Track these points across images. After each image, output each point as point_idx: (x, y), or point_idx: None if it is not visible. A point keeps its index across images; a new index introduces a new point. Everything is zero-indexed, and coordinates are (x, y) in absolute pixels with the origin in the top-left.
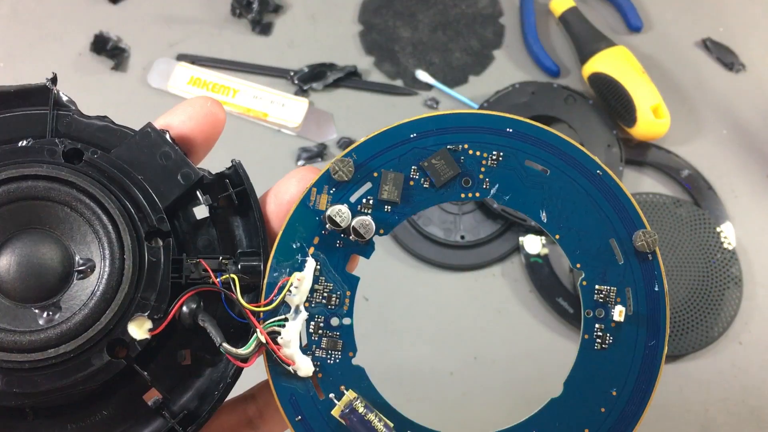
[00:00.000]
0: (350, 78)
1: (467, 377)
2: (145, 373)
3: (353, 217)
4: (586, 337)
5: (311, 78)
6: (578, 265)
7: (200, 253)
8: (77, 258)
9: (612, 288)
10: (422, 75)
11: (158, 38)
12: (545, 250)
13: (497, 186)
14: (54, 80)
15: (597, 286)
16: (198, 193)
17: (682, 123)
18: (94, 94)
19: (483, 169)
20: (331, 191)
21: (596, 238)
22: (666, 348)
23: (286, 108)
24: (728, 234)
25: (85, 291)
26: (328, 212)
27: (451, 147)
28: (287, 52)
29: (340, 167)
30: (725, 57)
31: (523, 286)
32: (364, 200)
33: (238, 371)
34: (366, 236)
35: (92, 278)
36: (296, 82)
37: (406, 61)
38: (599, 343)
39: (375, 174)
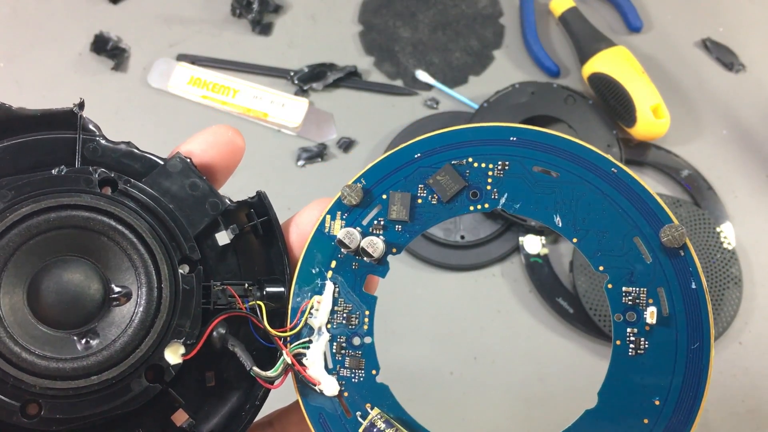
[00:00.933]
0: (350, 78)
1: (467, 377)
2: (179, 396)
3: (363, 238)
4: (618, 343)
5: (311, 78)
6: (601, 268)
7: (224, 280)
8: (113, 285)
9: (642, 289)
10: (422, 75)
11: (158, 38)
12: (545, 250)
13: (506, 195)
14: (81, 105)
15: (624, 288)
16: (220, 220)
17: (681, 123)
18: (94, 94)
19: (490, 180)
20: (344, 216)
21: (618, 238)
22: (713, 350)
23: (286, 108)
24: (728, 234)
25: (122, 318)
26: (338, 236)
27: (455, 162)
28: (287, 52)
29: (348, 193)
30: (725, 57)
31: (522, 286)
32: (375, 222)
33: (266, 393)
34: (374, 254)
35: (129, 306)
36: (296, 82)
37: (406, 61)
38: (633, 349)
39: (384, 196)
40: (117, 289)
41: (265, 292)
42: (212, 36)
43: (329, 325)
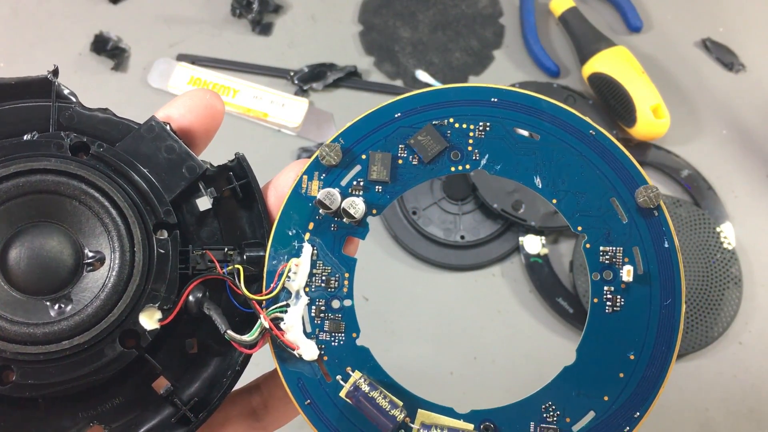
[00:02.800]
0: (350, 78)
1: (467, 377)
2: (156, 362)
3: (344, 199)
4: (596, 300)
5: (311, 78)
6: (579, 228)
7: (204, 245)
8: (86, 251)
9: (618, 248)
10: (422, 75)
11: (158, 38)
12: (545, 250)
13: (487, 156)
14: (55, 72)
15: (602, 248)
16: (201, 185)
17: (681, 123)
18: (94, 94)
19: (471, 141)
20: (322, 177)
21: (596, 199)
22: (684, 306)
23: (286, 108)
24: (728, 234)
25: (96, 283)
26: (318, 196)
27: (436, 122)
28: (287, 52)
29: (327, 152)
30: (725, 57)
31: (522, 286)
32: (354, 183)
33: (246, 359)
34: (356, 216)
35: (102, 271)
36: (296, 82)
37: (406, 61)
38: (610, 306)
39: (363, 156)
40: (90, 254)
41: (245, 257)
42: (212, 36)
43: (307, 289)
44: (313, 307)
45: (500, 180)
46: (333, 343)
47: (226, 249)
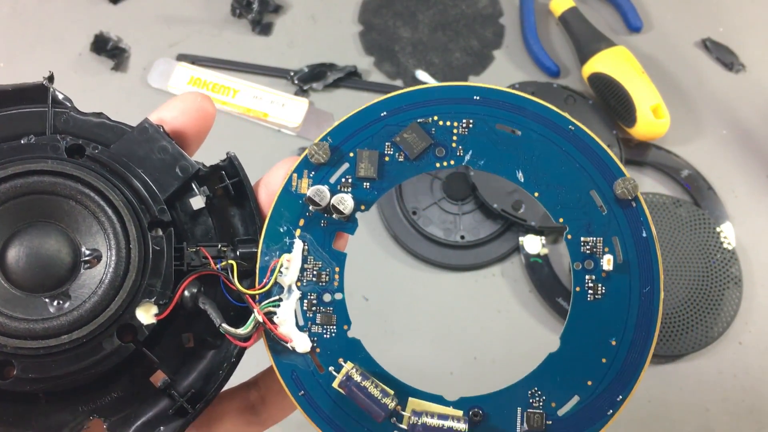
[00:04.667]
0: (350, 78)
1: (467, 377)
2: (153, 355)
3: (333, 196)
4: (578, 289)
5: (311, 78)
6: (561, 220)
7: (199, 242)
8: (84, 249)
9: (598, 238)
10: (422, 75)
11: (158, 38)
12: (545, 250)
13: (471, 152)
14: (51, 78)
15: (583, 238)
16: (194, 184)
17: (682, 123)
18: (94, 94)
19: (455, 138)
20: (311, 175)
21: (576, 191)
22: (662, 293)
23: (286, 108)
24: (728, 234)
25: (93, 280)
26: (308, 194)
27: (421, 120)
28: (287, 52)
29: (316, 151)
30: (725, 57)
31: (523, 286)
32: (343, 180)
33: (241, 351)
34: (345, 211)
35: (99, 268)
36: (296, 82)
37: (406, 61)
38: (591, 294)
39: (351, 154)
40: (87, 252)
41: (238, 253)
42: (212, 36)
43: (299, 283)
44: (305, 300)
45: (500, 180)
46: (325, 336)
47: (219, 246)
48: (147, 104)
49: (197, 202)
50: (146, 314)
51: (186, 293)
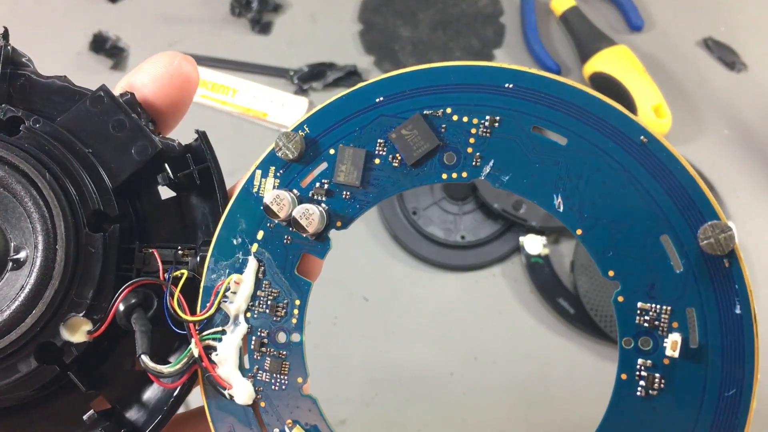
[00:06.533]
0: (350, 77)
1: (467, 377)
2: (82, 383)
3: (299, 204)
4: (624, 377)
5: (311, 77)
6: (611, 273)
7: (163, 241)
8: (13, 244)
9: (665, 307)
10: None
11: (157, 37)
12: (546, 251)
13: (492, 162)
14: (5, 35)
15: (641, 304)
16: (167, 167)
17: (683, 122)
18: None
19: (472, 140)
20: (279, 174)
21: (639, 234)
22: (754, 401)
23: (285, 107)
24: None
25: (16, 285)
26: (265, 199)
27: (428, 112)
28: (287, 51)
29: (285, 143)
30: (726, 56)
31: (523, 287)
32: (317, 184)
33: (189, 387)
34: (309, 229)
35: (25, 270)
36: (296, 81)
37: (406, 60)
38: (643, 388)
39: (332, 151)
40: (16, 248)
41: (199, 258)
42: (211, 35)
43: (249, 314)
44: (254, 338)
45: None
46: (273, 387)
47: (179, 248)
48: None
49: (168, 191)
50: (72, 331)
51: (121, 307)
